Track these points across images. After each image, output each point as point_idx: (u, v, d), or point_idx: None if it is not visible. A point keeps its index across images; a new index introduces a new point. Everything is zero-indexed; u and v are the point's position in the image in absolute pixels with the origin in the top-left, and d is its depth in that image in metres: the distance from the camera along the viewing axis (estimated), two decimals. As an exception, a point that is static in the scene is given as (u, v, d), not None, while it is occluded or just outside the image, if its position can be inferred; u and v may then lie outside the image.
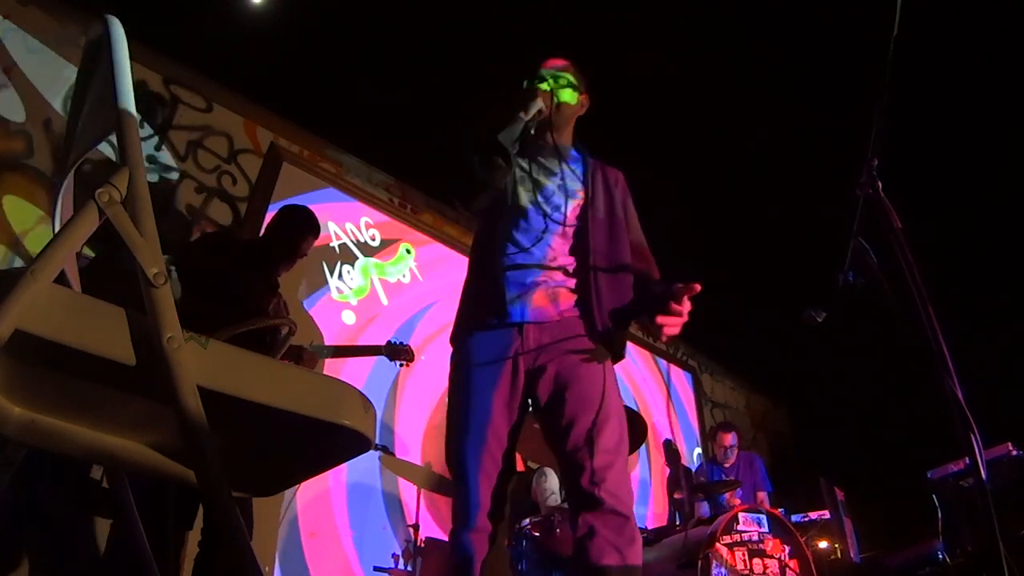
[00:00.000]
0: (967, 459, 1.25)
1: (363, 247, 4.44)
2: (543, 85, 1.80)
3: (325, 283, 4.12)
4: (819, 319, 1.83)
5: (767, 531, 3.17)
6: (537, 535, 3.15)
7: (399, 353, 3.26)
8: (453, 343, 1.77)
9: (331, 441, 0.89)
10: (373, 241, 4.53)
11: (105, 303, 0.74)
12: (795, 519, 4.08)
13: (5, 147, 3.12)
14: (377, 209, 4.64)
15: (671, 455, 5.38)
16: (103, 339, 0.72)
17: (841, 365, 5.95)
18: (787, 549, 3.16)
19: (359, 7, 3.78)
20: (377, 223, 4.60)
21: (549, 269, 1.70)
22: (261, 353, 0.83)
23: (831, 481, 4.03)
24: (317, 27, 3.85)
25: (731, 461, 4.61)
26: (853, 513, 4.06)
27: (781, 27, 3.87)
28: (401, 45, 3.94)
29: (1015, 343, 4.85)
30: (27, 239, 3.07)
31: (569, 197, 1.78)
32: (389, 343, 3.27)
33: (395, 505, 3.92)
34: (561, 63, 1.88)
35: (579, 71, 1.90)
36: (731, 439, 4.62)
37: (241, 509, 0.84)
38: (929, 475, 3.74)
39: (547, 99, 1.75)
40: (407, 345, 3.30)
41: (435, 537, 3.57)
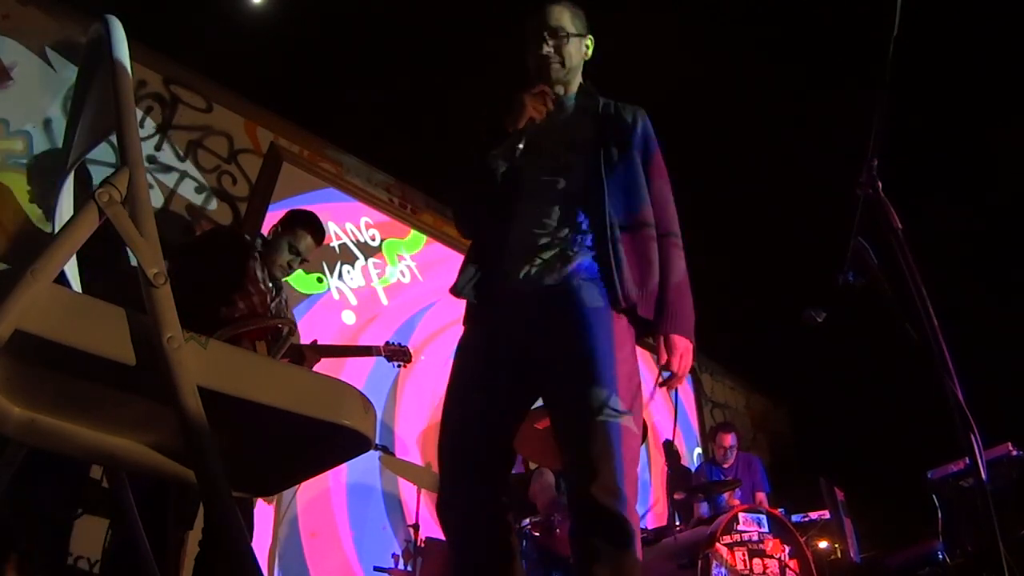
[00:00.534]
0: (967, 459, 1.25)
1: (363, 247, 4.44)
2: (545, 67, 1.65)
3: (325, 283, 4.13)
4: (819, 319, 1.82)
5: (767, 531, 3.17)
6: (537, 535, 3.15)
7: (396, 354, 3.27)
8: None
9: (331, 441, 0.89)
10: (373, 241, 4.53)
11: (105, 303, 0.74)
12: (795, 519, 4.08)
13: (5, 147, 3.12)
14: (377, 209, 4.64)
15: (671, 455, 5.39)
16: (103, 339, 0.72)
17: (841, 365, 5.95)
18: (787, 549, 3.16)
19: (359, 7, 3.78)
20: (377, 223, 4.60)
21: (558, 236, 1.58)
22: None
23: (831, 481, 4.03)
24: (317, 27, 3.85)
25: (730, 462, 4.61)
26: (853, 513, 4.06)
27: (781, 26, 3.87)
28: (401, 45, 3.94)
29: (1015, 343, 4.85)
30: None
31: (576, 152, 1.65)
32: (387, 344, 3.28)
33: (395, 505, 3.92)
34: (557, 12, 1.70)
35: (573, 13, 1.73)
36: (731, 440, 4.62)
37: (241, 509, 0.84)
38: (929, 475, 3.74)
39: (538, 105, 1.62)
40: (404, 346, 3.31)
41: (435, 537, 3.57)
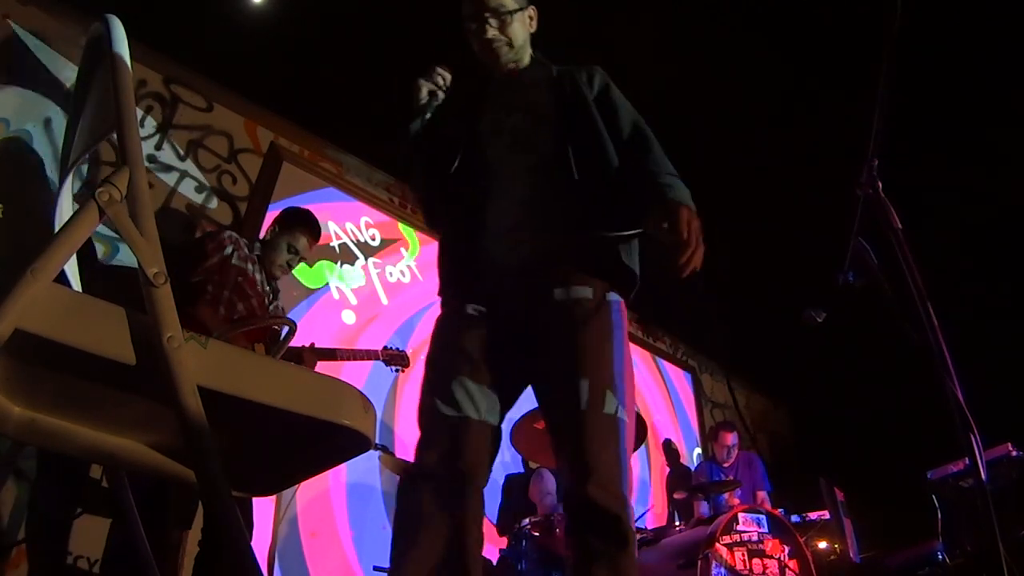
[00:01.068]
0: (967, 459, 1.25)
1: (363, 247, 4.44)
2: (485, 28, 1.62)
3: (325, 283, 4.13)
4: (819, 319, 1.82)
5: (767, 531, 3.17)
6: (537, 535, 3.15)
7: (394, 359, 3.28)
8: None
9: (331, 441, 0.89)
10: (373, 241, 4.53)
11: (105, 303, 0.74)
12: (795, 519, 4.07)
13: (5, 147, 3.12)
14: (377, 209, 4.64)
15: (671, 455, 5.40)
16: (103, 339, 0.72)
17: (841, 365, 5.95)
18: (787, 549, 3.16)
19: (359, 7, 3.78)
20: (377, 223, 4.60)
21: (534, 213, 1.56)
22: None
23: (831, 481, 4.03)
24: (317, 27, 3.85)
25: (731, 461, 4.60)
26: (853, 513, 4.06)
27: (781, 26, 3.87)
28: (401, 45, 3.94)
29: (1015, 343, 4.85)
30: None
31: (540, 125, 1.62)
32: (385, 348, 3.28)
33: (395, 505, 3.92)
34: None
35: None
36: (732, 438, 4.61)
37: (240, 509, 0.84)
38: (929, 475, 3.74)
39: (436, 83, 1.60)
40: (403, 351, 3.31)
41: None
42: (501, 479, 3.89)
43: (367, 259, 4.43)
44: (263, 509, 2.67)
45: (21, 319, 0.66)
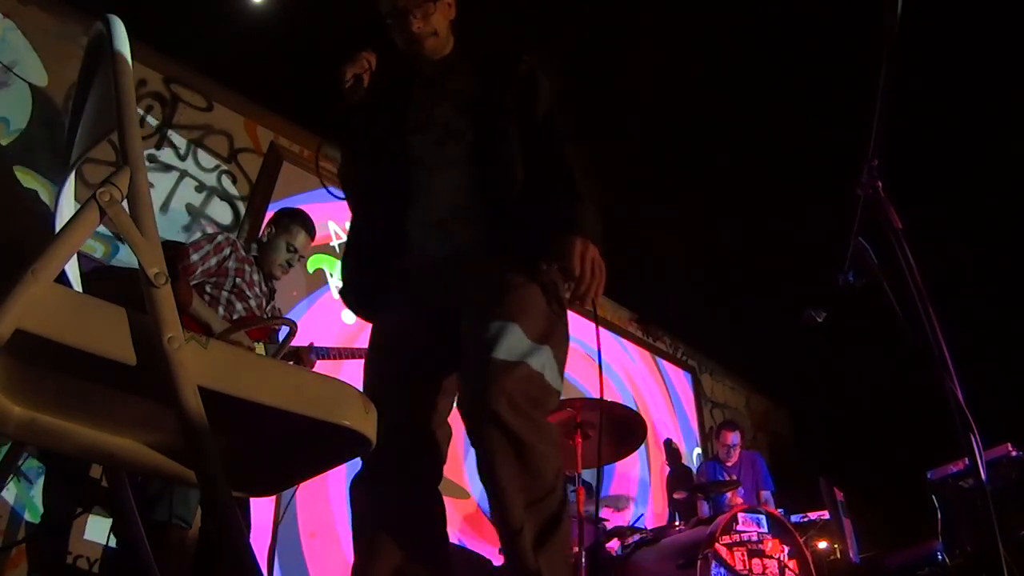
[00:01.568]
0: (967, 459, 1.25)
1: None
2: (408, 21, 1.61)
3: (325, 283, 4.13)
4: (819, 319, 1.83)
5: (766, 531, 3.17)
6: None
7: None
8: None
9: (331, 441, 0.89)
10: (373, 241, 4.53)
11: (106, 303, 0.74)
12: (795, 519, 4.08)
13: (5, 147, 3.12)
14: (377, 209, 4.64)
15: (671, 454, 5.39)
16: (103, 339, 0.72)
17: (841, 365, 5.95)
18: (786, 549, 3.15)
19: (359, 7, 3.77)
20: (377, 223, 4.59)
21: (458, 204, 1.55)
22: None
23: (831, 481, 4.03)
24: (317, 26, 3.84)
25: (733, 460, 4.60)
26: (853, 513, 4.06)
27: (781, 25, 3.87)
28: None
29: (1015, 343, 4.85)
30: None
31: (465, 115, 1.60)
32: None
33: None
34: None
35: None
36: (733, 437, 4.61)
37: (239, 509, 0.84)
38: (929, 475, 3.74)
39: (361, 66, 1.64)
40: None
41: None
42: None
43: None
44: (263, 509, 2.67)
45: (22, 319, 0.66)
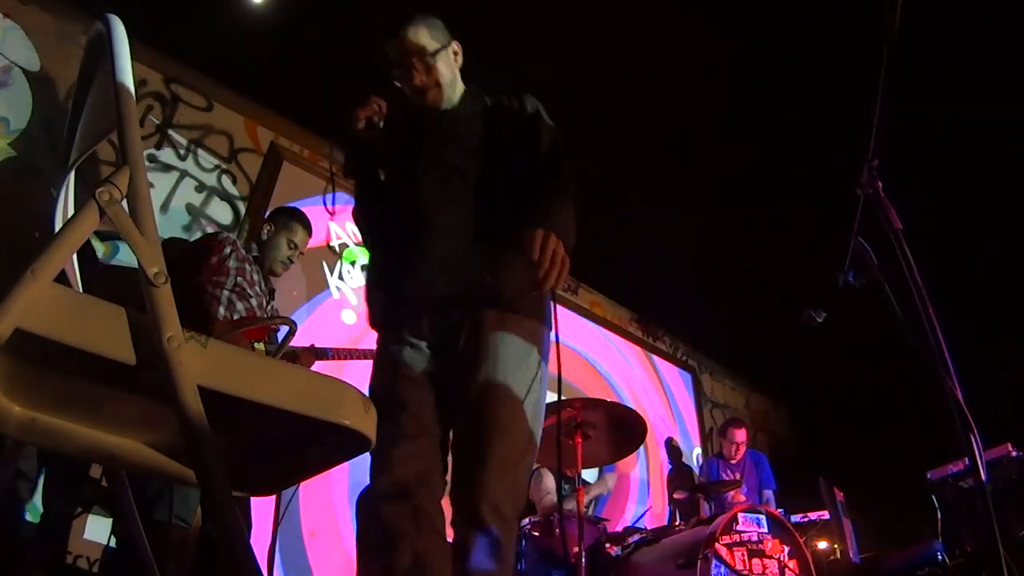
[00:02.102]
0: (967, 459, 1.25)
1: (363, 247, 4.45)
2: (408, 71, 1.66)
3: (325, 283, 4.13)
4: (819, 319, 1.82)
5: (766, 531, 3.17)
6: (537, 535, 3.15)
7: None
8: None
9: (331, 441, 0.89)
10: (373, 241, 4.53)
11: (106, 302, 0.74)
12: (795, 519, 4.07)
13: (5, 147, 3.11)
14: (377, 209, 4.64)
15: (673, 453, 5.39)
16: (103, 338, 0.72)
17: (841, 365, 5.95)
18: (786, 549, 3.15)
19: (359, 7, 3.77)
20: (377, 223, 4.60)
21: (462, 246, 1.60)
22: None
23: (831, 481, 4.03)
24: (317, 27, 3.84)
25: (738, 457, 4.58)
26: (853, 513, 4.05)
27: (781, 25, 3.87)
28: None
29: (1015, 343, 4.85)
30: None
31: (473, 157, 1.65)
32: None
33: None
34: (413, 34, 1.66)
35: (429, 26, 1.69)
36: (741, 435, 4.58)
37: (238, 507, 0.84)
38: (929, 475, 3.74)
39: (372, 110, 1.67)
40: None
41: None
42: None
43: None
44: (263, 509, 2.66)
45: (21, 319, 0.66)
